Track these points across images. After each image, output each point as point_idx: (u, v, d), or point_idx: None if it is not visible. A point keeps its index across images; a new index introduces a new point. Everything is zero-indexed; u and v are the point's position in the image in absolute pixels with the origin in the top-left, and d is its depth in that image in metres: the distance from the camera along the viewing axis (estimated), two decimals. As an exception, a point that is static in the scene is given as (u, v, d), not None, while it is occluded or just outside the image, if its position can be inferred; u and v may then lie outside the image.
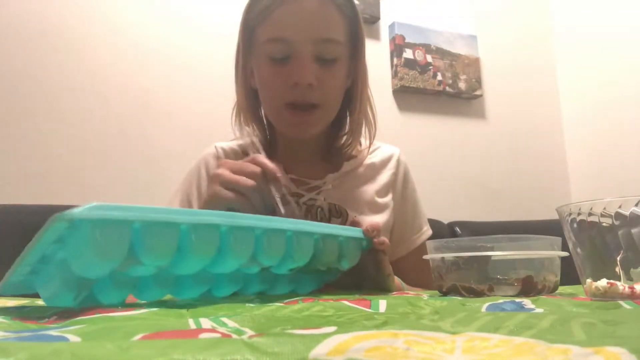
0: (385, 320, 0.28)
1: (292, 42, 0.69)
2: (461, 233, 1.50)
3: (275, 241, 0.45)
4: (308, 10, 0.69)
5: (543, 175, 2.00)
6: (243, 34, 0.75)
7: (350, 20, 0.74)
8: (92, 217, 0.32)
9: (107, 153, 1.37)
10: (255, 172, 0.57)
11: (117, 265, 0.34)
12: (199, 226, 0.38)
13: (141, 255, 0.35)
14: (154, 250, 0.35)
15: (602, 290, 0.40)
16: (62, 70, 1.36)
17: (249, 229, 0.42)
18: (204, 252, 0.39)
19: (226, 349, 0.18)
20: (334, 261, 0.53)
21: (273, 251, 0.45)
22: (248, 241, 0.42)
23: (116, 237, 0.33)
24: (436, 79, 1.81)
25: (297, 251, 0.47)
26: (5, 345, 0.17)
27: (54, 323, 0.29)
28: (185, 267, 0.39)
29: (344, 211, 0.76)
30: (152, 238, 0.35)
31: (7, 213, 1.07)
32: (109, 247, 0.33)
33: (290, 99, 0.71)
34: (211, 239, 0.39)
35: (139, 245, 0.35)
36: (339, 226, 0.54)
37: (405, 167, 0.86)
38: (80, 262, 0.33)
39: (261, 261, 0.44)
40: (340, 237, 0.53)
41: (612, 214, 0.40)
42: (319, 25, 0.70)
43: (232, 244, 0.40)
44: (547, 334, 0.22)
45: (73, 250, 0.33)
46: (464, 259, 0.51)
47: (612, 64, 1.86)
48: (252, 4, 0.73)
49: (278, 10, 0.69)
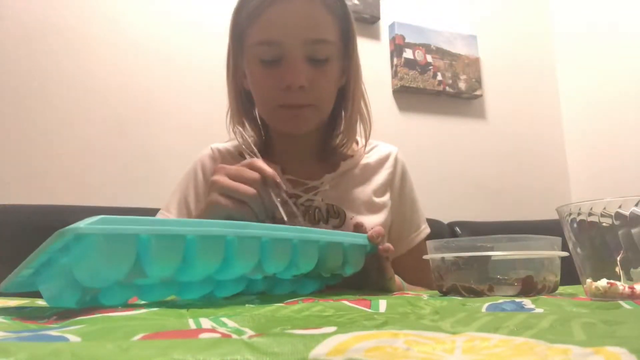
0: (385, 320, 0.28)
1: (283, 44, 0.68)
2: (461, 233, 1.50)
3: (280, 249, 0.44)
4: (297, 11, 0.68)
5: (543, 175, 2.00)
6: (233, 36, 0.75)
7: (341, 19, 0.73)
8: (97, 231, 0.32)
9: (107, 153, 1.37)
10: (255, 178, 0.57)
11: (122, 277, 0.34)
12: (205, 237, 0.38)
13: (147, 267, 0.35)
14: (160, 263, 0.35)
15: (602, 290, 0.40)
16: (62, 70, 1.36)
17: (255, 238, 0.42)
18: (209, 262, 0.39)
19: (226, 349, 0.18)
20: (337, 267, 0.53)
21: (278, 259, 0.44)
22: (253, 250, 0.42)
23: (122, 251, 0.33)
24: (436, 79, 1.81)
25: (302, 259, 0.47)
26: (5, 346, 0.17)
27: (54, 323, 0.29)
28: (190, 276, 0.39)
29: (341, 212, 0.76)
30: (157, 251, 0.35)
31: (7, 213, 1.07)
32: (114, 260, 0.33)
33: (283, 101, 0.70)
34: (217, 249, 0.39)
35: (145, 257, 0.34)
36: (343, 232, 0.54)
37: (402, 166, 0.86)
38: (85, 274, 0.33)
39: (266, 269, 0.44)
40: (344, 244, 0.53)
41: (612, 214, 0.40)
42: (309, 26, 0.69)
43: (237, 253, 0.40)
44: (547, 334, 0.22)
45: (78, 261, 0.33)
46: (464, 259, 0.51)
47: (612, 64, 1.86)
48: (241, 6, 0.72)
49: (267, 11, 0.68)
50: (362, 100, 0.80)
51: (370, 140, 0.84)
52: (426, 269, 0.60)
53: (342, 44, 0.74)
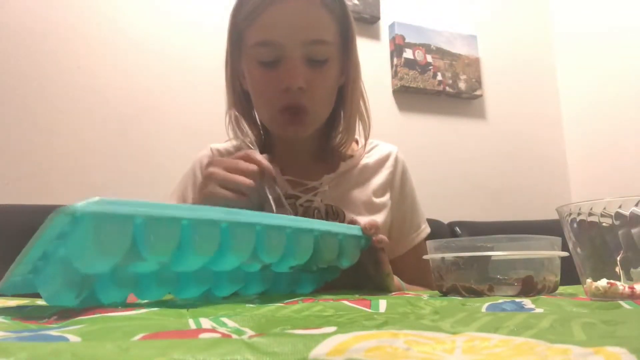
0: (385, 320, 0.28)
1: (281, 45, 0.68)
2: (461, 233, 1.50)
3: (275, 238, 0.45)
4: (296, 12, 0.68)
5: (543, 175, 2.00)
6: (231, 37, 0.75)
7: (340, 19, 0.73)
8: (94, 211, 0.32)
9: (107, 153, 1.37)
10: (252, 170, 0.57)
11: (119, 260, 0.34)
12: (201, 222, 0.38)
13: (143, 250, 0.35)
14: (156, 245, 0.35)
15: (602, 290, 0.40)
16: (62, 71, 1.36)
17: (250, 225, 0.42)
18: (205, 248, 0.39)
19: (226, 349, 0.18)
20: (333, 259, 0.53)
21: (274, 248, 0.45)
22: (249, 238, 0.42)
23: (118, 232, 0.33)
24: (436, 79, 1.81)
25: (298, 248, 0.47)
26: (6, 345, 0.17)
27: (54, 323, 0.29)
28: (186, 263, 0.39)
29: (340, 212, 0.76)
30: (154, 233, 0.35)
31: (7, 213, 1.07)
32: (110, 242, 0.33)
33: (282, 103, 0.70)
34: (212, 235, 0.39)
35: (141, 240, 0.35)
36: (337, 224, 0.55)
37: (403, 166, 0.86)
38: (82, 257, 0.33)
39: (262, 258, 0.44)
40: (339, 235, 0.53)
41: (612, 214, 0.40)
42: (307, 27, 0.69)
43: (233, 240, 0.40)
44: (547, 334, 0.22)
45: (75, 245, 0.33)
46: (464, 259, 0.51)
47: (612, 64, 1.86)
48: (239, 6, 0.72)
49: (265, 12, 0.68)
50: (361, 100, 0.80)
51: (370, 140, 0.84)
52: (426, 268, 0.60)
53: (341, 44, 0.74)
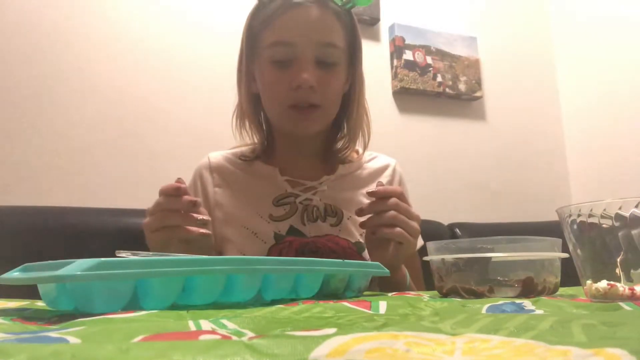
0: (385, 322, 0.28)
1: (295, 45, 0.72)
2: (461, 234, 1.50)
3: (283, 279, 0.43)
4: (310, 16, 0.73)
5: (543, 177, 2.00)
6: (247, 39, 0.79)
7: (349, 30, 0.78)
8: (94, 279, 0.31)
9: (107, 153, 1.37)
10: (171, 204, 0.59)
11: (118, 310, 0.34)
12: (203, 275, 0.37)
13: (143, 302, 0.35)
14: (156, 298, 0.35)
15: (602, 292, 0.40)
16: (62, 71, 1.36)
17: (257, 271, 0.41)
18: (208, 293, 0.38)
19: (226, 350, 0.18)
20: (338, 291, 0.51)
21: (280, 288, 0.44)
22: (255, 281, 0.41)
23: (118, 291, 0.33)
24: (436, 80, 1.81)
25: (304, 287, 0.46)
26: (5, 347, 0.17)
27: (54, 325, 0.29)
28: (189, 302, 0.38)
29: (339, 211, 0.79)
30: (155, 289, 0.35)
31: (7, 214, 1.06)
32: (110, 299, 0.33)
33: (293, 101, 0.74)
34: (216, 281, 0.38)
35: (142, 293, 0.34)
36: (352, 262, 0.51)
37: (400, 177, 0.89)
38: (80, 304, 0.33)
39: (266, 298, 0.43)
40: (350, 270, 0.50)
41: (612, 216, 0.40)
42: (320, 30, 0.73)
43: (238, 283, 0.40)
44: (547, 336, 0.22)
45: (73, 294, 0.33)
46: (464, 260, 0.51)
47: (612, 65, 1.86)
48: (256, 11, 0.77)
49: (282, 16, 0.73)
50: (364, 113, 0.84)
51: (370, 152, 0.88)
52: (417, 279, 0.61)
53: (348, 52, 0.79)
